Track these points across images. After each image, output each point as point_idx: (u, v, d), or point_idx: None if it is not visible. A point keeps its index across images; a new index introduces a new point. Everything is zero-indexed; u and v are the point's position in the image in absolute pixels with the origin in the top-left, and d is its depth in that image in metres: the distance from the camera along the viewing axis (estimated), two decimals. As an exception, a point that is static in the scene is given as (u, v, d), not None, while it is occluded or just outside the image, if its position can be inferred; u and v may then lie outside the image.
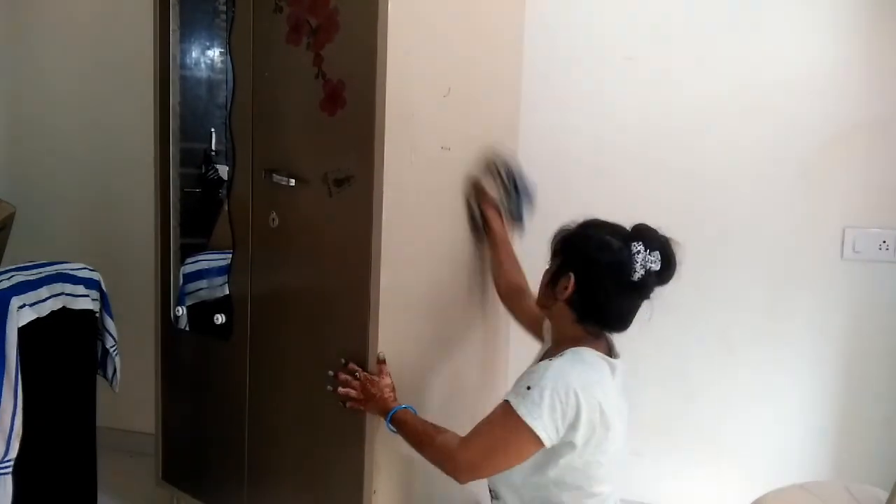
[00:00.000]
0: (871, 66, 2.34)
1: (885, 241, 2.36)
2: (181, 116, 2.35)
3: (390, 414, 1.71)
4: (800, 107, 2.40)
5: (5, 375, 1.89)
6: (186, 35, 2.38)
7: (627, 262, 1.51)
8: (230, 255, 2.19)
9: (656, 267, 1.53)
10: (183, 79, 2.37)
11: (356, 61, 1.79)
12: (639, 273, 1.51)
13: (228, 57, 2.16)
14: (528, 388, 1.48)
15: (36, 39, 3.11)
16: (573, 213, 2.44)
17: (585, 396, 1.47)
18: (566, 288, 1.57)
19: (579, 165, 2.29)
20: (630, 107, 2.54)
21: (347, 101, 1.83)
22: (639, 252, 1.51)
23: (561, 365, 1.52)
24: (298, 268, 2.01)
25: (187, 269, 2.43)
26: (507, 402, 1.51)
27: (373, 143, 1.76)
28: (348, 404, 1.82)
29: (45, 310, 2.05)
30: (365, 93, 1.77)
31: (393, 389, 1.77)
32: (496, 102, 2.12)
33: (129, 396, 2.53)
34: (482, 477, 1.60)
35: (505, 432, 1.50)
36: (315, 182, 1.91)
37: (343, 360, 1.84)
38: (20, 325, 1.93)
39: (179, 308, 2.38)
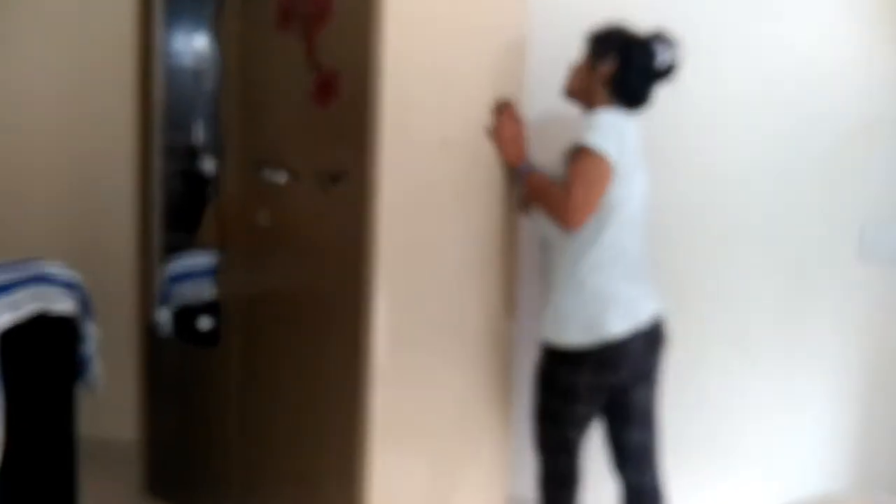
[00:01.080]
0: (891, 60, 2.29)
1: (903, 239, 2.32)
2: (165, 107, 2.30)
3: (523, 172, 2.06)
4: (818, 101, 2.35)
5: (-17, 383, 1.83)
6: (170, 21, 2.32)
7: (655, 54, 1.96)
8: (217, 255, 2.15)
9: (669, 62, 1.97)
10: (166, 67, 2.31)
11: (351, 50, 1.75)
12: (660, 64, 1.96)
13: (215, 44, 2.12)
14: (591, 126, 1.89)
15: (9, 27, 3.02)
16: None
17: (626, 129, 1.93)
18: (608, 68, 1.94)
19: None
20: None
21: (342, 91, 1.79)
22: (662, 49, 1.97)
23: (604, 111, 1.94)
24: (290, 268, 1.97)
25: (172, 269, 2.37)
26: (581, 146, 1.87)
27: (369, 136, 1.73)
28: (499, 141, 2.06)
29: (22, 314, 1.97)
30: (360, 83, 1.73)
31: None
32: (498, 93, 2.09)
33: (112, 404, 2.47)
34: (589, 214, 1.87)
35: (588, 166, 1.86)
36: (307, 177, 1.87)
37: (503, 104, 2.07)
38: (-2, 330, 1.87)
39: (162, 312, 2.32)
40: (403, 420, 1.88)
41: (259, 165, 1.96)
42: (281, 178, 1.92)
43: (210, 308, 2.18)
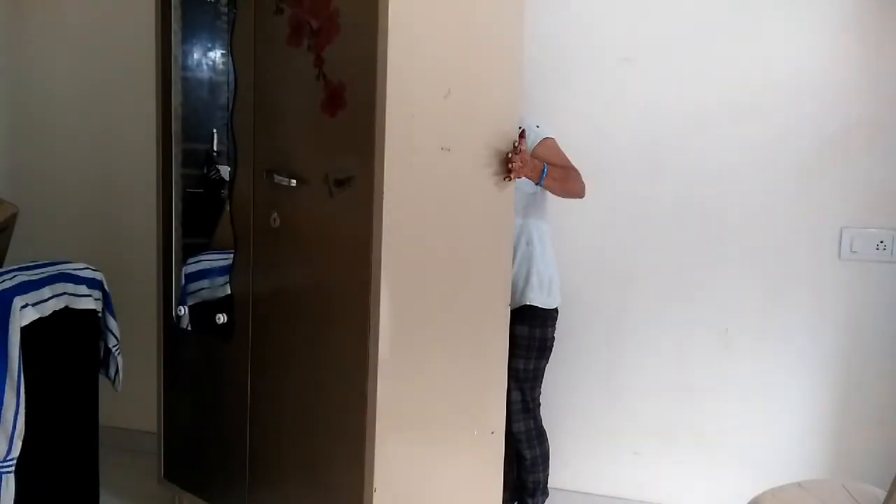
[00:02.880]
0: (868, 67, 2.36)
1: (882, 242, 2.37)
2: (183, 117, 2.37)
3: (545, 173, 2.17)
4: (798, 107, 2.41)
5: (8, 375, 1.91)
6: (188, 36, 2.40)
7: None
8: (232, 255, 2.20)
9: None
10: (185, 80, 2.39)
11: (357, 63, 1.80)
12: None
13: (230, 58, 2.18)
14: (538, 126, 2.30)
15: (38, 40, 3.12)
16: (572, 213, 2.50)
17: None
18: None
19: (579, 166, 2.31)
20: (629, 107, 2.55)
21: (348, 102, 1.84)
22: None
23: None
24: (299, 267, 2.03)
25: (189, 268, 2.44)
26: (544, 137, 2.27)
27: (373, 143, 1.78)
28: (513, 176, 2.11)
29: (47, 309, 2.07)
30: (365, 94, 1.79)
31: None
32: (496, 103, 2.14)
33: (132, 395, 2.55)
34: None
35: (561, 151, 2.29)
36: (316, 182, 1.93)
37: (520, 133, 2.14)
38: (23, 324, 1.95)
39: (181, 308, 2.39)
40: (405, 408, 1.92)
41: (271, 171, 2.01)
42: (291, 183, 1.97)
43: (225, 304, 2.23)
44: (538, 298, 2.35)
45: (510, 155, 2.10)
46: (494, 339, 2.25)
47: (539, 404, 2.43)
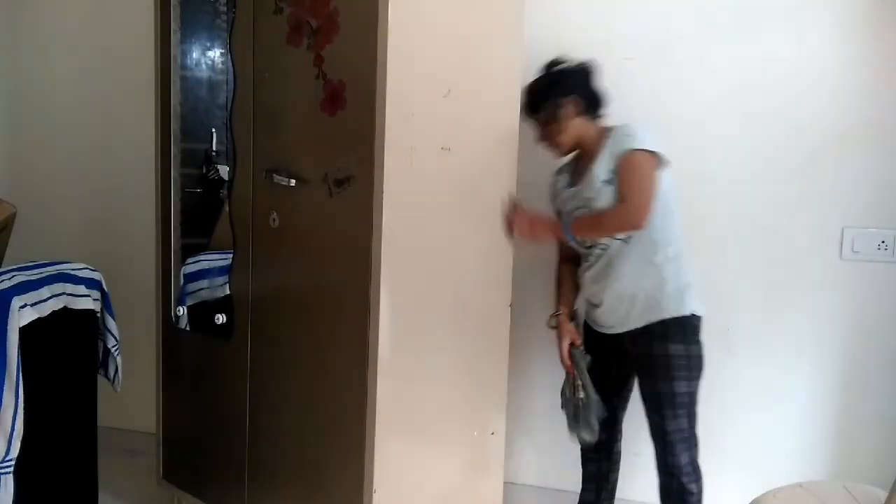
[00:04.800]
0: (869, 67, 2.36)
1: (883, 241, 2.37)
2: (182, 117, 2.37)
3: (567, 227, 2.09)
4: (799, 107, 2.42)
5: (6, 375, 1.90)
6: (187, 36, 2.40)
7: (588, 68, 2.15)
8: (231, 255, 2.20)
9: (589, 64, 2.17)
10: (184, 79, 2.39)
11: (356, 62, 1.81)
12: (591, 68, 2.16)
13: (229, 57, 2.18)
14: (628, 135, 2.00)
15: (36, 39, 3.12)
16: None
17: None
18: (572, 105, 2.10)
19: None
20: (630, 108, 2.53)
21: (348, 101, 1.84)
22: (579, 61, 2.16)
23: (625, 124, 2.06)
24: (299, 267, 2.03)
25: (188, 268, 2.44)
26: (630, 150, 1.97)
27: (373, 143, 1.78)
28: (525, 238, 2.15)
29: (46, 309, 2.06)
30: (365, 93, 1.79)
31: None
32: (496, 103, 2.15)
33: (131, 396, 2.54)
34: (650, 208, 1.95)
35: (643, 167, 1.96)
36: (315, 182, 1.93)
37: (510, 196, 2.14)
38: (21, 324, 1.94)
39: (180, 308, 2.39)
40: (405, 408, 1.92)
41: (270, 171, 2.01)
42: (291, 182, 1.97)
43: (224, 304, 2.24)
44: (674, 307, 2.07)
45: (506, 212, 2.13)
46: (495, 340, 2.26)
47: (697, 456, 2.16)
